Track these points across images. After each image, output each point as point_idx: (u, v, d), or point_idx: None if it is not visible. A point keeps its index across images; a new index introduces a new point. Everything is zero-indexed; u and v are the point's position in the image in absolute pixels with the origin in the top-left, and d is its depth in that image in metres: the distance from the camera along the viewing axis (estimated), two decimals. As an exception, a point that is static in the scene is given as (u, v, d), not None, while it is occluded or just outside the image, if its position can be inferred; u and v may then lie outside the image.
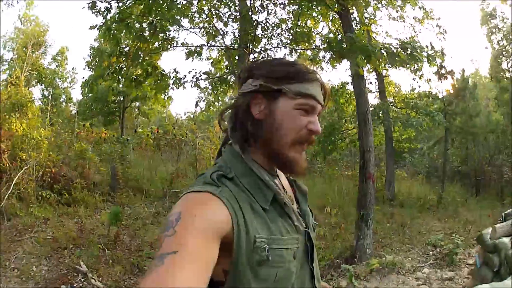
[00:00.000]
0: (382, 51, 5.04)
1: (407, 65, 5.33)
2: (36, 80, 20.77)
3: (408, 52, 5.09)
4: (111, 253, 5.94)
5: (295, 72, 1.02)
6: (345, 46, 4.91)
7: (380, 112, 11.52)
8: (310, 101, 1.02)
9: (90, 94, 14.10)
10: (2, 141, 7.26)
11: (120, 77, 6.44)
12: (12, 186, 7.05)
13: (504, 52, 19.66)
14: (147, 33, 5.93)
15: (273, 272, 0.93)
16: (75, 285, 4.99)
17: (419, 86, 13.72)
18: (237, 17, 6.28)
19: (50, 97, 18.69)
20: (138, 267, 5.73)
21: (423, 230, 8.79)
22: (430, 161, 18.78)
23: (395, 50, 5.15)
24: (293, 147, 1.02)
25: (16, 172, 7.34)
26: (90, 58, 13.12)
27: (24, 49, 19.23)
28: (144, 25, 5.81)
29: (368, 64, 5.43)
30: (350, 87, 12.80)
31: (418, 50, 5.24)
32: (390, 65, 5.33)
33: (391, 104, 12.87)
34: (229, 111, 1.11)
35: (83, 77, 22.10)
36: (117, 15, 5.83)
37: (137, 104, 16.20)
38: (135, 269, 5.69)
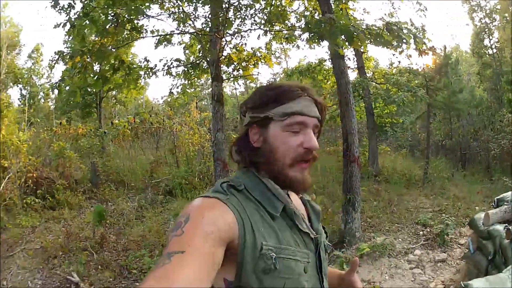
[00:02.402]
0: (365, 32, 4.84)
1: (392, 46, 5.14)
2: (12, 82, 20.38)
3: (395, 34, 4.90)
4: (99, 257, 5.89)
5: (277, 95, 1.05)
6: (324, 27, 4.70)
7: (360, 89, 11.41)
8: (297, 118, 1.03)
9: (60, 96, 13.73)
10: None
11: (87, 76, 6.14)
12: (-3, 198, 6.93)
13: (486, 30, 19.92)
14: (110, 27, 5.64)
15: (280, 283, 0.93)
16: None
17: (399, 62, 13.61)
18: (207, 1, 6.02)
19: (27, 96, 18.20)
20: (127, 269, 5.62)
21: (410, 208, 8.75)
22: (413, 135, 18.94)
23: (379, 31, 4.95)
24: (293, 167, 1.04)
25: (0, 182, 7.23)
26: (52, 62, 12.76)
27: None
28: (109, 17, 5.51)
29: (349, 45, 5.25)
30: (327, 64, 12.85)
31: (405, 31, 5.06)
32: (374, 45, 5.13)
33: (371, 80, 12.84)
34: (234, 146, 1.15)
35: (59, 78, 21.60)
36: (80, 10, 5.61)
37: (114, 93, 15.95)
38: (124, 271, 5.58)
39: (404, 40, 5.23)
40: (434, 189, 10.79)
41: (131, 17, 5.65)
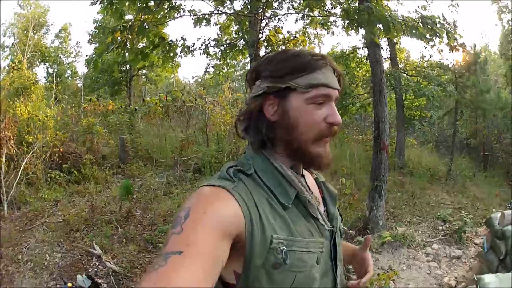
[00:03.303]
0: (402, 23, 4.87)
1: (426, 39, 5.17)
2: (40, 60, 20.57)
3: (429, 27, 4.93)
4: (124, 231, 5.87)
5: (300, 64, 0.96)
6: (363, 15, 4.73)
7: (392, 79, 11.37)
8: (322, 90, 0.96)
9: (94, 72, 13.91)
10: (7, 128, 7.10)
11: (125, 51, 6.22)
12: (20, 172, 6.90)
13: None
14: (152, 4, 5.72)
15: (291, 277, 0.87)
16: (89, 270, 4.89)
17: (431, 56, 13.42)
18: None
19: (54, 74, 18.55)
20: (152, 243, 5.67)
21: (432, 203, 8.82)
22: (440, 131, 18.67)
23: (414, 23, 4.98)
24: (315, 143, 0.97)
25: (24, 157, 7.20)
26: (94, 33, 12.91)
27: (25, 32, 18.90)
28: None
29: (386, 35, 5.28)
30: (360, 52, 12.78)
31: (439, 26, 5.07)
32: (409, 37, 5.16)
33: (402, 71, 12.66)
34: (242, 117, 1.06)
35: (86, 55, 21.89)
36: None
37: (144, 71, 15.98)
38: (149, 245, 5.62)
39: (438, 34, 5.24)
40: (456, 187, 10.78)
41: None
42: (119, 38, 5.74)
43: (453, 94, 11.26)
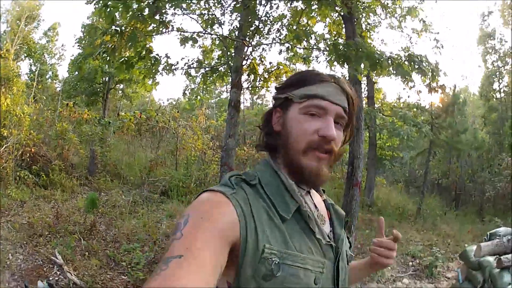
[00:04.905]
0: (389, 60, 4.93)
1: (410, 77, 5.26)
2: (25, 55, 20.23)
3: (416, 65, 5.01)
4: (87, 244, 5.76)
5: (302, 77, 1.01)
6: (351, 51, 4.77)
7: (368, 118, 11.55)
8: (316, 101, 0.96)
9: (77, 73, 13.71)
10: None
11: (112, 58, 6.12)
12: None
13: (497, 73, 20.37)
14: (146, 13, 5.66)
15: None
16: (50, 278, 4.73)
17: (408, 96, 13.91)
18: (237, 7, 6.07)
19: (37, 72, 18.15)
20: (114, 260, 5.51)
21: (401, 240, 8.77)
22: (410, 171, 19.02)
23: (400, 61, 5.06)
24: (306, 155, 0.96)
25: (-3, 150, 7.16)
26: (82, 34, 12.71)
27: (17, 22, 18.68)
28: (143, 4, 5.53)
29: (372, 71, 5.33)
30: None
31: (425, 64, 5.17)
32: (394, 75, 5.24)
33: (379, 111, 13.00)
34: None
35: (72, 55, 21.71)
36: None
37: (122, 86, 15.93)
38: (111, 262, 5.46)
39: (424, 72, 5.34)
40: (426, 225, 10.93)
41: (168, 6, 5.64)
42: (108, 43, 5.64)
43: (428, 135, 11.54)
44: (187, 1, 6.13)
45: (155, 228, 6.68)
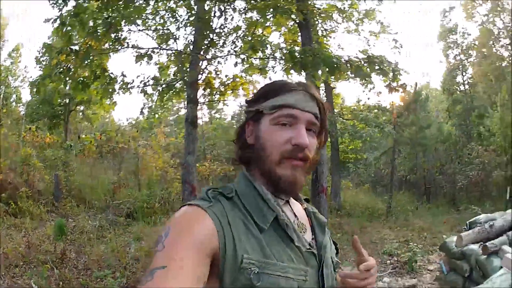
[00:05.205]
0: (348, 64, 4.98)
1: (370, 79, 5.33)
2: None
3: (376, 66, 5.08)
4: (60, 273, 5.62)
5: (270, 88, 1.01)
6: (307, 57, 4.78)
7: (328, 123, 11.65)
8: (286, 111, 0.96)
9: (38, 96, 13.36)
10: None
11: (67, 79, 6.01)
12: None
13: (460, 66, 21.15)
14: (100, 31, 5.58)
15: None
16: None
17: (368, 98, 14.22)
18: (192, 22, 6.03)
19: (1, 96, 17.51)
20: (87, 289, 5.41)
21: (375, 240, 8.89)
22: (376, 171, 19.37)
23: (359, 64, 5.12)
24: (280, 164, 0.95)
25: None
26: (40, 54, 12.43)
27: None
28: (99, 21, 5.45)
29: (330, 76, 5.38)
30: None
31: (386, 65, 5.24)
32: (353, 78, 5.30)
33: (338, 115, 13.19)
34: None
35: (31, 76, 21.04)
36: (72, 9, 5.51)
37: (82, 108, 15.66)
38: None
39: (385, 73, 5.41)
40: (398, 222, 11.05)
41: (119, 26, 5.57)
42: (63, 63, 5.50)
43: (391, 134, 11.74)
44: (142, 16, 6.05)
45: (124, 252, 6.55)
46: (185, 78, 6.26)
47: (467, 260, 4.75)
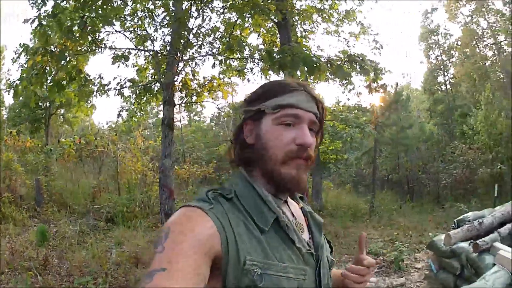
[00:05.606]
0: (328, 63, 4.97)
1: (350, 77, 5.35)
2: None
3: (357, 65, 5.09)
4: (43, 280, 5.55)
5: (272, 88, 1.01)
6: (286, 57, 4.77)
7: None
8: (289, 110, 0.97)
9: (21, 99, 13.15)
10: None
11: (44, 81, 5.91)
12: None
13: (442, 67, 21.43)
14: (77, 29, 5.50)
15: None
16: None
17: (348, 99, 14.26)
18: (170, 22, 5.99)
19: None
20: (71, 295, 5.35)
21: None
22: (357, 171, 19.50)
23: (340, 63, 5.12)
24: (285, 164, 0.96)
25: None
26: (16, 55, 12.23)
27: None
28: (76, 21, 5.38)
29: (309, 76, 5.37)
30: None
31: (367, 64, 5.26)
32: (333, 78, 5.30)
33: (317, 117, 13.16)
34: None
35: (8, 79, 20.60)
36: (50, 9, 5.45)
37: (62, 111, 15.44)
38: None
39: (366, 71, 5.43)
40: (382, 221, 11.09)
41: (96, 26, 5.51)
42: (39, 63, 5.41)
43: (372, 134, 11.80)
44: (120, 17, 5.99)
45: (105, 258, 6.46)
46: (162, 79, 6.20)
47: (457, 258, 4.75)
